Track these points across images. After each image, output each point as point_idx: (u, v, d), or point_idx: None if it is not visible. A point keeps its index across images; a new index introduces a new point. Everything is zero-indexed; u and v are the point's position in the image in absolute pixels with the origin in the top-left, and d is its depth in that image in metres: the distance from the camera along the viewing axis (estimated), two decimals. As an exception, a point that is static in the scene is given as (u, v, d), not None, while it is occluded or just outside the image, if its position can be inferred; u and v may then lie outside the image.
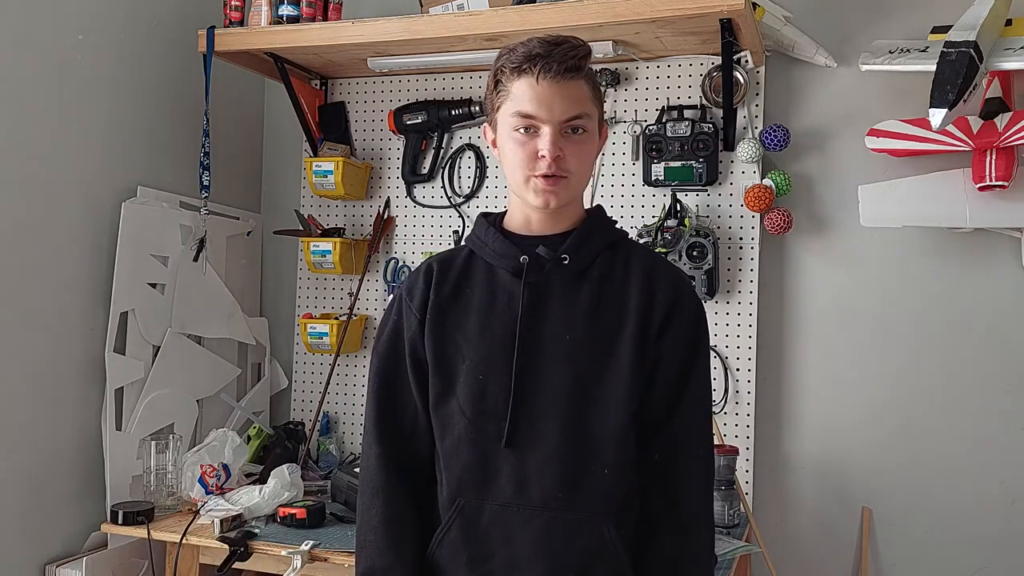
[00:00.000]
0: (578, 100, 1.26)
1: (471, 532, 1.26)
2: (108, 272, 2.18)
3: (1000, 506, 2.13)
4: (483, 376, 1.27)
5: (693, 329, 1.31)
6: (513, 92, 1.26)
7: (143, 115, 2.32)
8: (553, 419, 1.25)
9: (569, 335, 1.26)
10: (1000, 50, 1.96)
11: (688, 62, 2.30)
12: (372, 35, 2.20)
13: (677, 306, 1.29)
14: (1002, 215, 2.04)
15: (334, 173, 2.44)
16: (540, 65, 1.23)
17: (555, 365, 1.26)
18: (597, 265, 1.31)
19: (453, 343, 1.30)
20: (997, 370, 2.14)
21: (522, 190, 1.29)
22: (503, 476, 1.25)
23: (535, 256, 1.29)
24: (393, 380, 1.35)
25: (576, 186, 1.29)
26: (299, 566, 1.83)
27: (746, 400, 2.24)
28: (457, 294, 1.33)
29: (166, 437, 2.16)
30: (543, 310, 1.28)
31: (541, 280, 1.29)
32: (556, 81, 1.23)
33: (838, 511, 2.25)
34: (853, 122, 2.22)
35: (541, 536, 1.24)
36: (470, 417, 1.26)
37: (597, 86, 1.32)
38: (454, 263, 1.36)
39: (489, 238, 1.34)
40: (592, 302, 1.28)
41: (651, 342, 1.27)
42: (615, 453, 1.25)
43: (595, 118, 1.30)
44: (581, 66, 1.26)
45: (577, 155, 1.26)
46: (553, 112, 1.24)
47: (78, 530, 2.13)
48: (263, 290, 2.78)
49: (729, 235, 2.26)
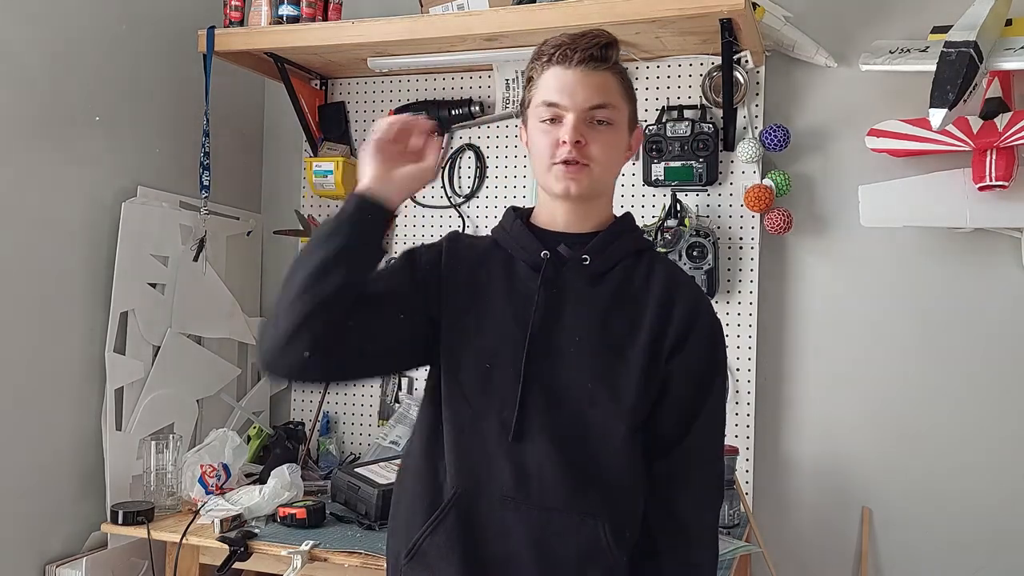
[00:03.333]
0: (603, 90, 1.25)
1: (467, 523, 1.25)
2: (108, 272, 2.18)
3: (1000, 506, 2.13)
4: (490, 365, 1.25)
5: (710, 351, 1.31)
6: (541, 84, 1.26)
7: (143, 115, 2.32)
8: (556, 418, 1.24)
9: (580, 336, 1.26)
10: (1000, 50, 1.96)
11: (688, 62, 2.30)
12: (372, 35, 2.20)
13: (695, 326, 1.28)
14: (1002, 215, 2.04)
15: (334, 173, 2.45)
16: (564, 53, 1.24)
17: (564, 365, 1.25)
18: (618, 270, 1.30)
19: (468, 329, 1.27)
20: (997, 370, 2.14)
21: (545, 179, 1.28)
22: (504, 470, 1.24)
23: (556, 253, 1.29)
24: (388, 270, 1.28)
25: (600, 177, 1.27)
26: (299, 566, 1.83)
27: (746, 400, 2.24)
28: (473, 279, 1.30)
29: (166, 437, 2.17)
30: (558, 308, 1.27)
31: (559, 278, 1.28)
32: (580, 69, 1.23)
33: (838, 511, 2.25)
34: (853, 122, 2.22)
35: (538, 532, 1.23)
36: (475, 407, 1.25)
37: (629, 83, 1.30)
38: (477, 246, 1.35)
39: (515, 230, 1.32)
40: (607, 306, 1.27)
41: (662, 356, 1.26)
42: (616, 458, 1.25)
43: (624, 112, 1.28)
44: (607, 56, 1.25)
45: (600, 144, 1.25)
46: (576, 99, 1.23)
47: (78, 530, 2.13)
48: (263, 290, 2.78)
49: (729, 235, 2.26)
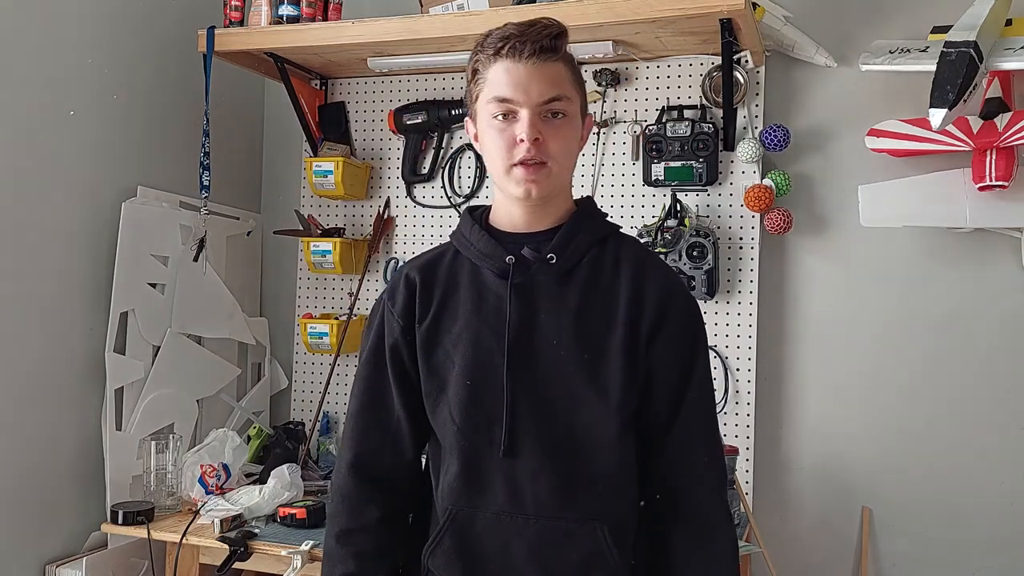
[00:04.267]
0: (556, 82, 1.21)
1: (464, 541, 1.24)
2: (108, 272, 2.18)
3: (1000, 506, 2.13)
4: (471, 382, 1.23)
5: (688, 328, 1.28)
6: (489, 78, 1.22)
7: (143, 115, 2.32)
8: (546, 426, 1.22)
9: (558, 339, 1.23)
10: (1000, 50, 1.96)
11: (688, 62, 2.30)
12: (372, 35, 2.20)
13: (669, 307, 1.25)
14: (1002, 215, 2.04)
15: (334, 173, 2.44)
16: (513, 45, 1.19)
17: (545, 371, 1.22)
18: (585, 264, 1.26)
19: (442, 349, 1.26)
20: (997, 370, 2.14)
21: (504, 181, 1.24)
22: (496, 484, 1.23)
23: (521, 256, 1.25)
24: (376, 385, 1.32)
25: (559, 174, 1.24)
26: (299, 566, 1.83)
27: (746, 400, 2.24)
28: (443, 299, 1.28)
29: (166, 437, 2.16)
30: (531, 314, 1.24)
31: (527, 282, 1.24)
32: (532, 62, 1.19)
33: (838, 511, 2.25)
34: (853, 122, 2.22)
35: (536, 543, 1.22)
36: (459, 424, 1.24)
37: (577, 71, 1.27)
38: (439, 265, 1.32)
39: (474, 237, 1.29)
40: (580, 304, 1.24)
41: (642, 346, 1.23)
42: (609, 458, 1.23)
43: (576, 102, 1.25)
44: (556, 47, 1.21)
45: (557, 139, 1.21)
46: (530, 94, 1.19)
47: (78, 530, 2.13)
48: (263, 290, 2.78)
49: (729, 235, 2.26)
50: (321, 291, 2.65)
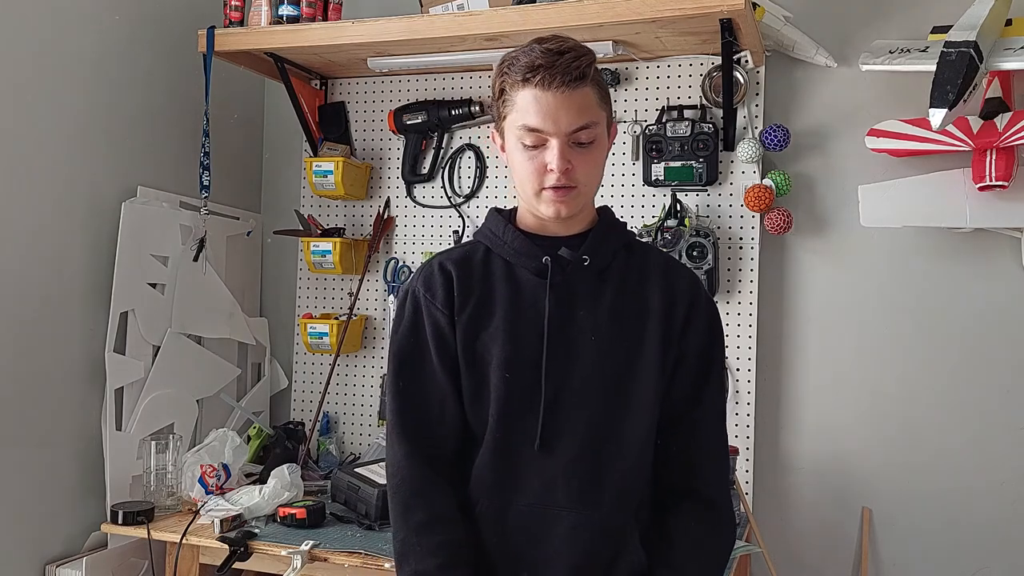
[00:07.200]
0: (585, 109, 1.23)
1: (497, 534, 1.26)
2: (108, 272, 2.18)
3: (1000, 506, 2.13)
4: (509, 375, 1.26)
5: (711, 322, 1.34)
6: (518, 103, 1.23)
7: (143, 115, 2.32)
8: (582, 421, 1.25)
9: (595, 336, 1.27)
10: (1000, 50, 1.96)
11: (688, 62, 2.30)
12: (372, 35, 2.20)
13: (696, 303, 1.32)
14: (1002, 215, 2.04)
15: (334, 173, 2.44)
16: (543, 76, 1.19)
17: (583, 367, 1.26)
18: (616, 265, 1.32)
19: (480, 342, 1.28)
20: (997, 370, 2.14)
21: (533, 202, 1.28)
22: (531, 478, 1.25)
23: (558, 256, 1.29)
24: (418, 375, 1.31)
25: (587, 193, 1.29)
26: (299, 566, 1.83)
27: (746, 400, 2.24)
28: (480, 293, 1.30)
29: (166, 437, 2.16)
30: (568, 311, 1.28)
31: (564, 281, 1.29)
32: (561, 91, 1.20)
33: (838, 511, 2.25)
34: (853, 122, 2.22)
35: (569, 536, 1.24)
36: (496, 417, 1.26)
37: (604, 88, 1.29)
38: (472, 261, 1.33)
39: (508, 236, 1.32)
40: (614, 302, 1.29)
41: (675, 341, 1.30)
42: (640, 452, 1.28)
43: (603, 123, 1.27)
44: (585, 75, 1.22)
45: (586, 164, 1.25)
46: (560, 124, 1.21)
47: (78, 530, 2.13)
48: (263, 290, 2.78)
49: (729, 235, 2.26)
50: (321, 291, 2.65)
